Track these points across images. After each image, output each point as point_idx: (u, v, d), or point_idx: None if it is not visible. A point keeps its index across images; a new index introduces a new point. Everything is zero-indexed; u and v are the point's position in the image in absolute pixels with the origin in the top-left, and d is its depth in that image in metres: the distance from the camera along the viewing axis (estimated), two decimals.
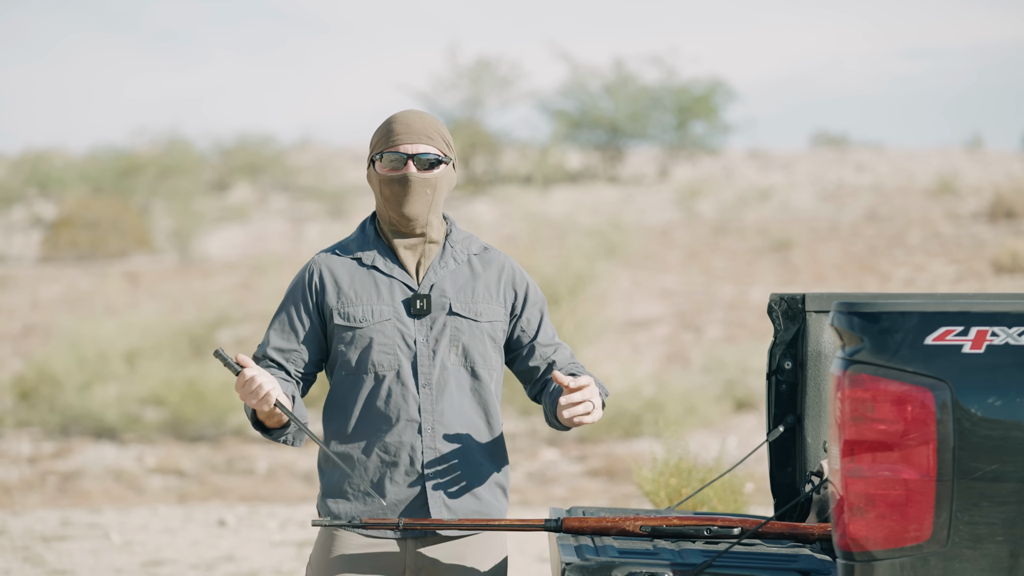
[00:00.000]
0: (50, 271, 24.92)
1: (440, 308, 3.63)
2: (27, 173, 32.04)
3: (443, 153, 3.67)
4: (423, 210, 3.64)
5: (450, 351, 3.62)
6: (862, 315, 2.99)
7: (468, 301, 3.65)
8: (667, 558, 3.44)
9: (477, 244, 3.74)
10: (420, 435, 3.59)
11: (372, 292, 3.64)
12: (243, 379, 3.44)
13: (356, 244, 3.71)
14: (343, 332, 3.63)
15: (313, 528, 10.02)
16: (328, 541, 3.66)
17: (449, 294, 3.65)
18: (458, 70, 33.45)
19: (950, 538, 2.94)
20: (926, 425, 2.94)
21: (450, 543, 3.62)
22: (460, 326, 3.63)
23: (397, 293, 3.64)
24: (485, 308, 3.66)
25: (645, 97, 32.33)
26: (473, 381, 3.64)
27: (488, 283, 3.69)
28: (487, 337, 3.66)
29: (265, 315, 17.95)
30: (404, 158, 3.63)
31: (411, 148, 3.63)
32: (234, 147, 34.38)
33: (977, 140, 35.80)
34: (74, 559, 8.95)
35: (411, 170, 3.62)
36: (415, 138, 3.63)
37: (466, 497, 3.62)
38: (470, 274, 3.69)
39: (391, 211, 3.65)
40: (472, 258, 3.72)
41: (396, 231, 3.67)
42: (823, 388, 4.00)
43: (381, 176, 3.65)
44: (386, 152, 3.64)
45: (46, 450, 13.90)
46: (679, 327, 18.31)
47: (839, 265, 21.44)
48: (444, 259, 3.68)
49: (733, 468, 4.26)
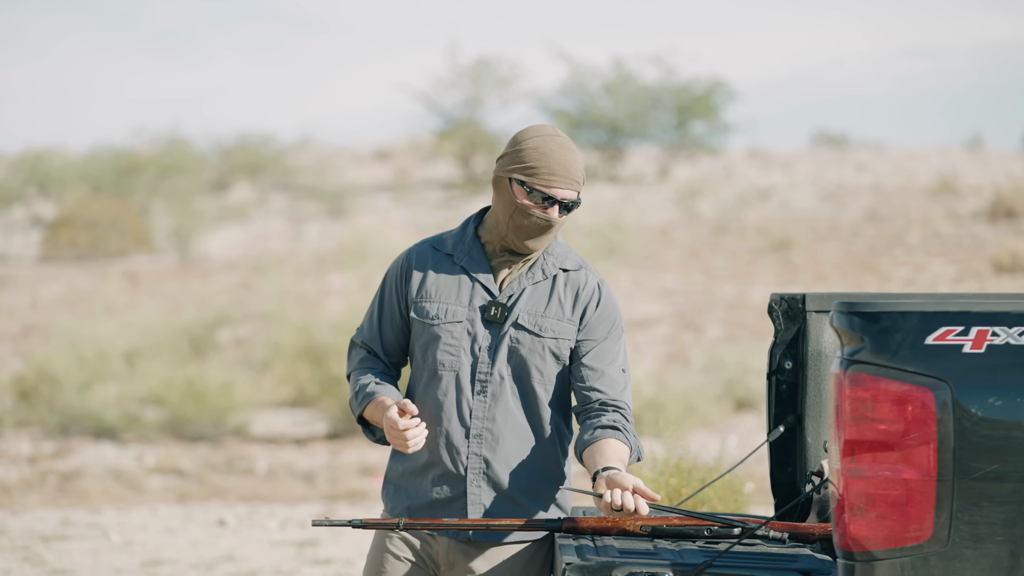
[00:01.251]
0: (50, 271, 24.93)
1: (513, 318, 3.64)
2: (27, 173, 32.05)
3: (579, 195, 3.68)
4: (543, 247, 3.67)
5: (507, 362, 3.63)
6: (862, 315, 2.98)
7: (537, 315, 3.65)
8: (667, 558, 3.44)
9: (573, 260, 3.73)
10: (467, 440, 3.61)
11: (452, 291, 3.66)
12: (398, 431, 3.52)
13: (453, 241, 3.72)
14: (418, 324, 3.68)
15: (313, 528, 10.02)
16: (378, 537, 3.74)
17: (521, 306, 3.65)
18: (458, 70, 33.47)
19: (950, 538, 2.93)
20: (926, 425, 2.94)
21: (491, 551, 3.65)
22: (521, 339, 3.63)
23: (477, 298, 3.65)
24: (552, 324, 3.65)
25: (645, 97, 32.34)
26: (529, 394, 3.64)
27: (564, 299, 3.68)
28: (548, 352, 3.64)
29: (265, 315, 17.95)
30: (554, 202, 3.61)
31: (562, 194, 3.61)
32: (234, 147, 34.39)
33: (977, 140, 35.83)
34: (74, 559, 8.95)
35: (554, 215, 3.61)
36: (569, 184, 3.61)
37: (508, 506, 3.62)
38: (551, 288, 3.68)
39: (515, 237, 3.64)
40: (561, 273, 3.70)
41: (505, 248, 3.68)
42: (823, 388, 4.00)
43: (521, 206, 3.61)
44: (539, 188, 3.60)
45: (46, 450, 13.90)
46: (679, 327, 18.32)
47: (839, 265, 21.44)
48: (532, 271, 3.68)
49: (733, 468, 4.26)
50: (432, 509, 3.64)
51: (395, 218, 28.44)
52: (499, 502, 3.62)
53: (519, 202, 3.61)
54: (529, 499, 3.64)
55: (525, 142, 3.63)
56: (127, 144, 33.79)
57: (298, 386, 15.14)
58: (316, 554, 9.12)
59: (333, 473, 12.82)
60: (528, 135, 3.64)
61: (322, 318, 15.51)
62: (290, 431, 14.89)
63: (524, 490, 3.64)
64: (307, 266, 22.94)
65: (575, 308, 3.67)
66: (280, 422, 15.22)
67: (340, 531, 9.93)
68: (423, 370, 3.66)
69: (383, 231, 22.62)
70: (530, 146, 3.61)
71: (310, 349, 14.90)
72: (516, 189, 3.62)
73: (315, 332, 14.97)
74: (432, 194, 31.75)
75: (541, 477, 3.66)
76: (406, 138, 37.31)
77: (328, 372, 14.57)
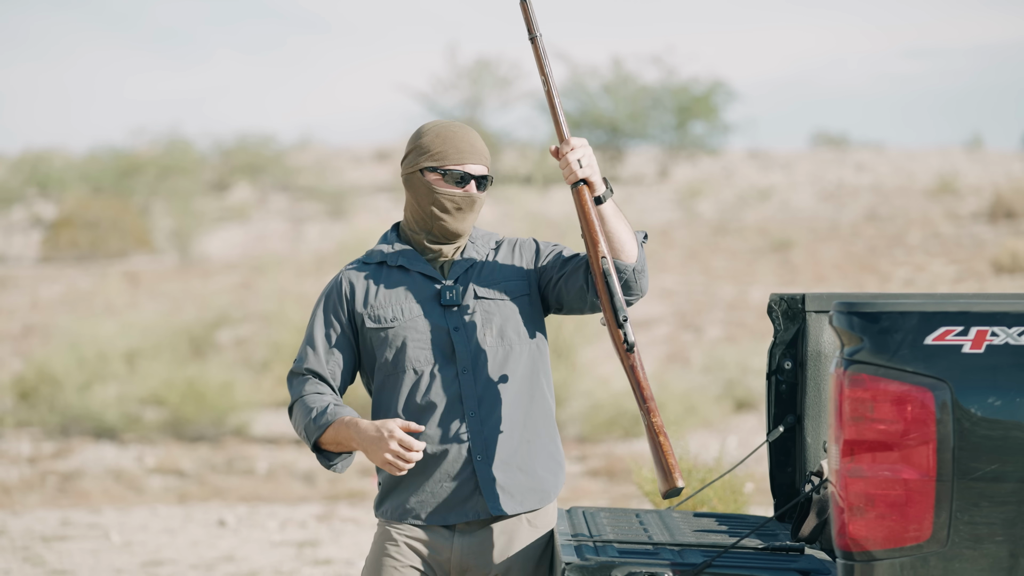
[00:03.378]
0: (50, 271, 24.92)
1: (469, 296, 3.68)
2: (27, 173, 32.04)
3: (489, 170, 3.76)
4: (469, 226, 3.73)
5: (485, 334, 3.66)
6: (862, 315, 2.99)
7: (491, 283, 3.71)
8: (667, 558, 3.44)
9: (495, 238, 3.81)
10: (464, 421, 3.63)
11: (400, 291, 3.70)
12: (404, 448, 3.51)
13: (380, 251, 3.77)
14: (377, 334, 3.68)
15: (314, 527, 10.03)
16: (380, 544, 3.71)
17: (473, 280, 3.70)
18: (458, 70, 33.46)
19: (950, 538, 2.94)
20: (926, 425, 2.94)
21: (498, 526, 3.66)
22: (489, 308, 3.69)
23: (425, 288, 3.70)
24: (508, 285, 3.72)
25: (645, 97, 32.32)
26: (512, 358, 3.67)
27: (510, 259, 3.76)
28: (518, 312, 3.71)
29: (265, 315, 17.94)
30: (469, 178, 3.69)
31: (475, 169, 3.70)
32: (234, 147, 34.37)
33: (977, 140, 35.80)
34: (74, 559, 8.95)
35: (473, 191, 3.69)
36: (478, 159, 3.71)
37: (519, 476, 3.66)
38: (493, 258, 3.76)
39: (438, 225, 3.70)
40: (493, 245, 3.80)
41: (431, 239, 3.73)
42: (823, 388, 4.00)
43: (440, 192, 3.69)
44: (450, 169, 3.68)
45: (46, 450, 13.90)
46: (679, 327, 18.31)
47: (839, 265, 21.44)
48: (467, 253, 3.75)
49: (733, 468, 4.27)
50: (445, 501, 3.64)
51: (395, 218, 28.42)
52: (508, 474, 3.65)
53: (436, 189, 3.68)
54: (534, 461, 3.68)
55: (425, 134, 3.73)
56: (127, 144, 33.80)
57: None
58: (316, 554, 9.12)
59: (333, 474, 12.82)
60: (425, 128, 3.75)
61: None
62: (290, 431, 14.89)
63: (529, 453, 3.67)
64: (307, 266, 22.94)
65: (523, 259, 3.77)
66: (280, 422, 15.22)
67: (340, 531, 9.94)
68: (397, 375, 3.66)
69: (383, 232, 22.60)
70: (431, 135, 3.72)
71: None
72: (430, 177, 3.70)
73: None
74: None
75: (540, 436, 3.70)
76: (406, 138, 37.25)
77: None
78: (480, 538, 3.65)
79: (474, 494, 3.62)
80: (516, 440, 3.66)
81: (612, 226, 3.61)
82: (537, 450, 3.69)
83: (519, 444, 3.66)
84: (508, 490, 3.64)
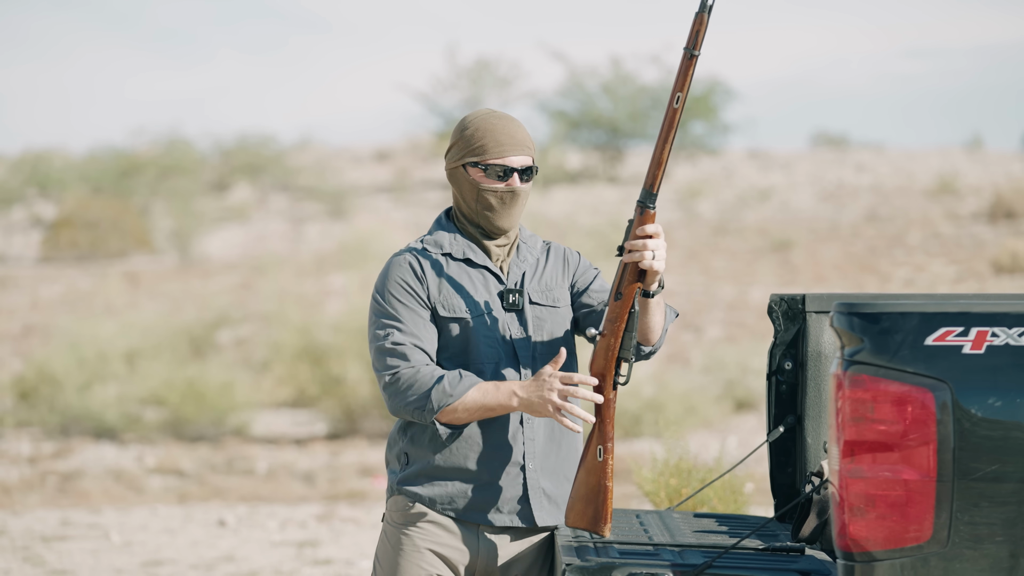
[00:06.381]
0: (50, 271, 24.93)
1: (525, 300, 3.68)
2: (27, 173, 32.05)
3: (534, 160, 3.72)
4: (517, 220, 3.70)
5: (539, 340, 3.67)
6: (862, 315, 2.99)
7: (544, 291, 3.71)
8: (667, 558, 3.44)
9: (539, 241, 3.80)
10: (521, 426, 3.63)
11: (468, 285, 3.67)
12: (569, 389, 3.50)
13: (441, 241, 3.71)
14: (447, 323, 3.64)
15: (314, 527, 10.03)
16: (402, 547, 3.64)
17: (528, 285, 3.70)
18: (458, 70, 33.47)
19: (950, 539, 2.94)
20: (926, 425, 2.94)
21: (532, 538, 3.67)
22: (541, 315, 3.69)
23: (491, 286, 3.68)
24: (560, 294, 3.73)
25: (644, 97, 32.33)
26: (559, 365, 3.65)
27: (556, 269, 3.75)
28: (563, 321, 3.72)
29: (265, 315, 17.95)
30: (512, 171, 3.64)
31: (517, 160, 3.65)
32: (234, 147, 34.38)
33: (977, 140, 35.81)
34: (74, 559, 8.95)
35: (517, 184, 3.65)
36: (520, 150, 3.65)
37: (564, 485, 3.67)
38: (544, 264, 3.75)
39: (485, 220, 3.67)
40: (543, 249, 3.79)
41: (482, 233, 3.71)
42: (823, 388, 4.00)
43: (483, 187, 3.64)
44: (492, 163, 3.63)
45: (46, 450, 13.91)
46: (679, 327, 18.31)
47: (839, 265, 21.44)
48: (522, 255, 3.73)
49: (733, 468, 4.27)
50: (490, 500, 3.61)
51: (395, 219, 28.45)
52: (552, 482, 3.66)
53: (480, 184, 3.65)
54: (571, 472, 3.68)
55: (467, 128, 3.68)
56: (127, 145, 33.80)
57: (298, 386, 15.14)
58: (316, 554, 9.12)
59: (333, 473, 12.82)
60: (467, 120, 3.71)
61: (322, 319, 15.51)
62: (290, 431, 14.90)
63: (571, 465, 3.68)
64: (307, 266, 22.94)
65: (565, 272, 3.76)
66: (280, 422, 15.23)
67: (340, 531, 9.94)
68: (463, 367, 3.62)
69: (383, 232, 22.64)
70: (472, 128, 3.67)
71: (310, 349, 14.90)
72: (473, 172, 3.66)
73: (315, 332, 14.98)
74: (432, 195, 31.74)
75: (574, 449, 3.72)
76: (406, 139, 37.31)
77: (328, 372, 14.57)
78: (510, 544, 3.64)
79: (521, 498, 3.62)
80: (564, 450, 3.68)
81: (651, 319, 3.61)
82: (574, 462, 3.70)
83: (568, 455, 3.68)
84: (555, 500, 3.65)
